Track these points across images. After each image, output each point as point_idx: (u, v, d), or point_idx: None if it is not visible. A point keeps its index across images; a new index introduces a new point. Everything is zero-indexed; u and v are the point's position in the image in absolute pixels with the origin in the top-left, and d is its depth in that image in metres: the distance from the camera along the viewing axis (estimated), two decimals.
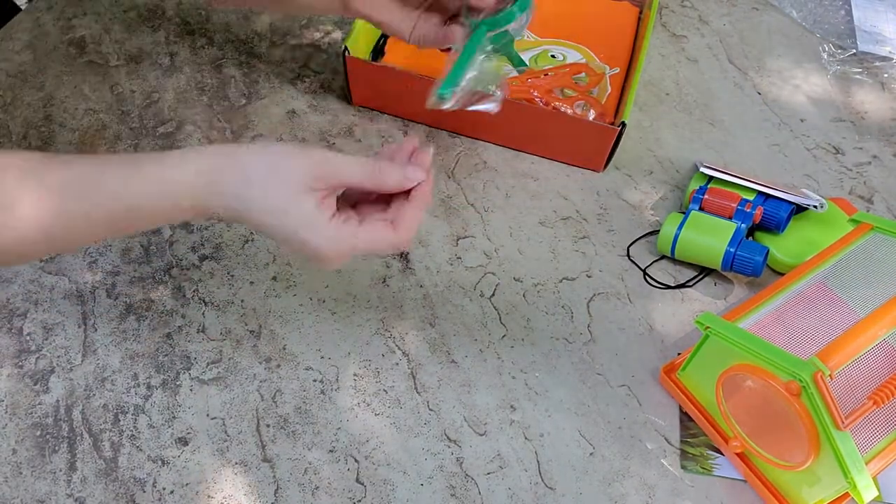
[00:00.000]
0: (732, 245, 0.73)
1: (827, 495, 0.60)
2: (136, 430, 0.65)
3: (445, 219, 0.80)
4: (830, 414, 0.54)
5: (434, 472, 0.64)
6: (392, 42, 0.93)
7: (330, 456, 0.65)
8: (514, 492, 0.63)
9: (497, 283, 0.76)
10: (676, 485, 0.64)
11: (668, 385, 0.69)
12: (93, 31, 0.94)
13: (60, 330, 0.70)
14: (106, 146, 0.83)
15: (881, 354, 0.63)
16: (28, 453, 0.64)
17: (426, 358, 0.70)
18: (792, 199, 0.75)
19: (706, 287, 0.76)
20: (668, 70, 0.95)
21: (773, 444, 0.60)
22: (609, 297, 0.75)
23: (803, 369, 0.54)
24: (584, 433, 0.67)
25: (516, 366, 0.70)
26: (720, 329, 0.61)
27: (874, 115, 0.93)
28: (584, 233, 0.80)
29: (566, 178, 0.84)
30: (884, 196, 0.85)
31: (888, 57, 0.98)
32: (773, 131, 0.90)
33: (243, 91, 0.89)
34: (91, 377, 0.68)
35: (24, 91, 0.88)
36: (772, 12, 1.03)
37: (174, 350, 0.70)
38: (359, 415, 0.67)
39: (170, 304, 0.72)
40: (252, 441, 0.65)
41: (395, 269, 0.76)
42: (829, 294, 0.69)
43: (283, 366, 0.69)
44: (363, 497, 0.63)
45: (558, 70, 0.88)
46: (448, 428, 0.66)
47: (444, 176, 0.83)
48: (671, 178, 0.85)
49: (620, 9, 0.98)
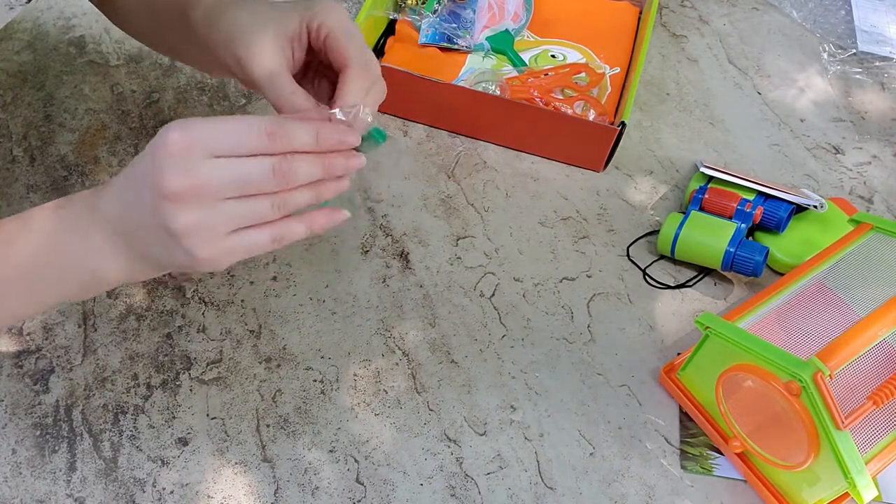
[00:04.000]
0: (732, 245, 0.73)
1: (827, 495, 0.60)
2: (136, 430, 0.65)
3: (445, 219, 0.80)
4: (830, 414, 0.54)
5: (434, 472, 0.64)
6: (392, 42, 0.93)
7: (330, 456, 0.65)
8: (514, 492, 0.63)
9: (497, 283, 0.76)
10: (676, 485, 0.64)
11: (668, 385, 0.69)
12: (93, 31, 0.94)
13: (60, 330, 0.70)
14: (106, 146, 0.83)
15: (881, 354, 0.63)
16: (28, 453, 0.64)
17: (426, 358, 0.70)
18: (792, 199, 0.75)
19: (706, 287, 0.76)
20: (668, 70, 0.95)
21: (773, 444, 0.60)
22: (609, 297, 0.75)
23: (803, 369, 0.54)
24: (584, 433, 0.67)
25: (516, 366, 0.70)
26: (720, 329, 0.61)
27: (874, 115, 0.93)
28: (584, 233, 0.80)
29: (566, 178, 0.84)
30: (884, 196, 0.85)
31: (888, 57, 0.98)
32: (773, 131, 0.90)
33: (243, 91, 0.89)
34: (91, 377, 0.68)
35: (24, 91, 0.88)
36: (772, 12, 1.03)
37: (174, 350, 0.70)
38: (359, 415, 0.67)
39: (170, 304, 0.72)
40: (252, 441, 0.65)
41: (395, 269, 0.76)
42: (829, 294, 0.69)
43: (283, 366, 0.69)
44: (363, 497, 0.63)
45: (558, 70, 0.88)
46: (448, 428, 0.67)
47: (444, 176, 0.83)
48: (671, 178, 0.85)
49: (620, 9, 0.98)
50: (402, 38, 0.92)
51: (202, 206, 0.46)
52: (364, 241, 0.78)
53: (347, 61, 0.54)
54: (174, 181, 0.45)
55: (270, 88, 0.54)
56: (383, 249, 0.77)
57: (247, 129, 0.46)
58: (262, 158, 0.46)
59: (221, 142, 0.46)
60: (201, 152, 0.45)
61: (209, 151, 0.45)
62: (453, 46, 0.91)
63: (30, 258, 0.50)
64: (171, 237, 0.46)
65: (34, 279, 0.51)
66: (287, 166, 0.47)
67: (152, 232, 0.47)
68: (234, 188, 0.46)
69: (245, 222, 0.47)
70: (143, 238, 0.48)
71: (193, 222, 0.46)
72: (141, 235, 0.48)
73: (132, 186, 0.48)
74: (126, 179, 0.48)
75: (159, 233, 0.47)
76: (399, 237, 0.78)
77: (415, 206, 0.81)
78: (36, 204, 0.77)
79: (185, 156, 0.45)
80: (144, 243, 0.49)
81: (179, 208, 0.45)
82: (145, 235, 0.48)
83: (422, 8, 0.92)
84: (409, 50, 0.92)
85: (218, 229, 0.46)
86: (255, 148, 0.46)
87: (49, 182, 0.80)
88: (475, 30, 0.92)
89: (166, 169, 0.45)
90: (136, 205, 0.47)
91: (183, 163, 0.45)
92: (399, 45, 0.92)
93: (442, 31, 0.91)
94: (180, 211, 0.45)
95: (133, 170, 0.48)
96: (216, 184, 0.45)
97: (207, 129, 0.46)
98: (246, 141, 0.46)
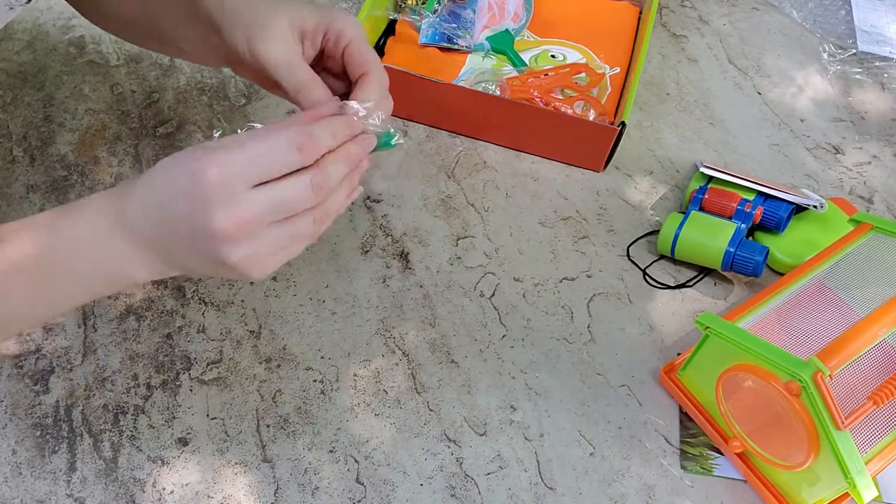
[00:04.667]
0: (732, 245, 0.73)
1: (827, 495, 0.60)
2: (136, 431, 0.65)
3: (445, 219, 0.80)
4: (830, 414, 0.54)
5: (434, 472, 0.64)
6: (392, 42, 0.93)
7: (330, 456, 0.65)
8: (514, 492, 0.63)
9: (497, 283, 0.76)
10: (676, 485, 0.64)
11: (668, 385, 0.69)
12: (93, 31, 0.94)
13: (60, 330, 0.70)
14: (106, 146, 0.83)
15: (881, 354, 0.63)
16: (28, 453, 0.64)
17: (426, 358, 0.70)
18: (792, 199, 0.75)
19: (706, 287, 0.76)
20: (668, 70, 0.95)
21: (773, 444, 0.60)
22: (609, 297, 0.75)
23: (803, 369, 0.54)
24: (584, 433, 0.67)
25: (516, 366, 0.70)
26: (720, 329, 0.61)
27: (874, 115, 0.93)
28: (584, 233, 0.80)
29: (566, 178, 0.84)
30: (884, 196, 0.85)
31: (888, 57, 0.98)
32: (773, 131, 0.90)
33: (243, 91, 0.89)
34: (91, 377, 0.68)
35: (24, 91, 0.88)
36: (772, 12, 1.03)
37: (174, 350, 0.70)
38: (359, 415, 0.67)
39: (170, 304, 0.72)
40: (252, 441, 0.65)
41: (395, 269, 0.76)
42: (829, 294, 0.69)
43: (283, 366, 0.69)
44: (363, 497, 0.63)
45: (558, 70, 0.88)
46: (448, 428, 0.66)
47: (444, 176, 0.83)
48: (671, 178, 0.85)
49: (620, 9, 0.98)
50: (402, 38, 0.92)
51: (252, 237, 0.47)
52: (364, 241, 0.78)
53: (369, 67, 0.56)
54: (223, 222, 0.46)
55: (288, 75, 0.55)
56: (383, 249, 0.77)
57: (277, 149, 0.47)
58: (301, 178, 0.48)
59: (258, 169, 0.47)
60: (242, 185, 0.46)
61: (248, 182, 0.46)
62: (453, 46, 0.91)
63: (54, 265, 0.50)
64: (222, 267, 0.48)
65: (58, 283, 0.51)
66: (323, 179, 0.49)
67: (198, 259, 0.48)
68: (279, 213, 0.48)
69: (291, 242, 0.49)
70: (182, 258, 0.49)
71: (245, 255, 0.47)
72: (179, 255, 0.49)
73: (166, 214, 0.48)
74: (156, 202, 0.48)
75: (207, 262, 0.48)
76: (399, 237, 0.78)
77: (415, 206, 0.81)
78: (36, 203, 0.78)
79: (227, 192, 0.46)
80: (184, 261, 0.50)
81: (232, 246, 0.47)
82: (186, 258, 0.49)
83: (422, 8, 0.92)
84: (409, 50, 0.92)
85: (268, 252, 0.48)
86: (288, 166, 0.47)
87: (49, 182, 0.80)
88: (475, 30, 0.92)
89: (212, 210, 0.46)
90: (174, 234, 0.48)
91: (226, 200, 0.46)
92: (399, 45, 0.92)
93: (442, 31, 0.91)
94: (233, 248, 0.47)
95: (164, 195, 0.48)
96: (262, 214, 0.47)
97: (243, 160, 0.46)
98: (279, 162, 0.47)
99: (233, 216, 0.46)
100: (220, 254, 0.47)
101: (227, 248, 0.47)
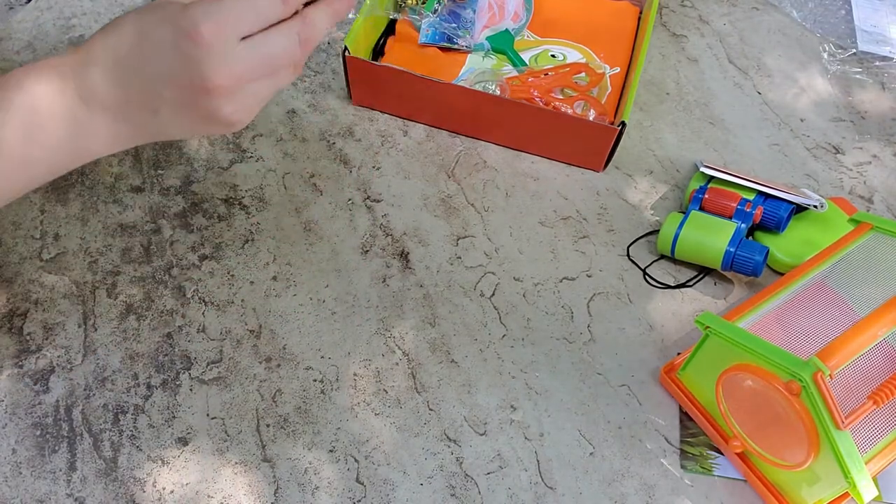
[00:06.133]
0: (732, 245, 0.73)
1: (827, 495, 0.60)
2: (136, 430, 0.65)
3: (445, 219, 0.80)
4: (830, 414, 0.54)
5: (434, 472, 0.64)
6: (392, 42, 0.93)
7: (330, 456, 0.65)
8: (514, 492, 0.63)
9: (497, 282, 0.76)
10: (676, 485, 0.64)
11: (668, 385, 0.69)
12: (93, 31, 0.94)
13: (60, 330, 0.70)
14: None
15: (881, 354, 0.63)
16: (28, 453, 0.64)
17: (426, 358, 0.70)
18: (792, 198, 0.75)
19: (706, 287, 0.76)
20: (668, 70, 0.95)
21: (773, 443, 0.60)
22: (609, 297, 0.75)
23: (803, 369, 0.54)
24: (585, 433, 0.67)
25: (516, 366, 0.70)
26: (720, 329, 0.61)
27: (874, 115, 0.93)
28: (584, 233, 0.80)
29: (566, 178, 0.84)
30: (884, 196, 0.85)
31: (888, 57, 0.98)
32: (773, 131, 0.90)
33: None
34: (91, 377, 0.68)
35: None
36: (772, 12, 1.03)
37: (174, 350, 0.70)
38: (359, 415, 0.67)
39: (170, 304, 0.72)
40: (252, 441, 0.65)
41: (395, 269, 0.76)
42: (829, 294, 0.69)
43: (283, 366, 0.69)
44: (363, 497, 0.63)
45: (558, 70, 0.88)
46: (448, 428, 0.67)
47: (444, 176, 0.83)
48: (671, 178, 0.85)
49: (620, 9, 0.98)
50: (402, 38, 0.92)
51: (243, 90, 0.48)
52: (364, 241, 0.78)
53: None
54: (218, 76, 0.46)
55: None
56: (383, 249, 0.77)
57: (261, 1, 0.47)
58: (289, 31, 0.48)
59: (247, 21, 0.46)
60: (233, 38, 0.46)
61: (238, 35, 0.46)
62: (453, 46, 0.91)
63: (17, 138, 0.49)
64: (209, 121, 0.48)
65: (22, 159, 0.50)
66: (310, 31, 0.48)
67: (185, 118, 0.48)
68: (269, 66, 0.48)
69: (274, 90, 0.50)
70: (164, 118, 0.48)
71: (238, 107, 0.48)
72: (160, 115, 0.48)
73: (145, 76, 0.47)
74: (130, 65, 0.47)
75: (195, 120, 0.48)
76: (399, 237, 0.78)
77: (415, 206, 0.81)
78: (36, 203, 0.78)
79: (220, 46, 0.46)
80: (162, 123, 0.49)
81: (226, 100, 0.47)
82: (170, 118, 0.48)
83: (422, 8, 0.92)
84: (409, 50, 0.92)
85: (254, 102, 0.49)
86: (275, 17, 0.47)
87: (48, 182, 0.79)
88: (475, 30, 0.92)
89: (206, 64, 0.46)
90: (154, 95, 0.47)
91: (220, 54, 0.46)
92: (399, 45, 0.92)
93: (442, 31, 0.91)
94: (226, 102, 0.47)
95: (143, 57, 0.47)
96: (253, 67, 0.47)
97: (232, 12, 0.46)
98: (265, 13, 0.47)
99: (229, 71, 0.46)
100: (212, 108, 0.47)
101: (219, 103, 0.47)
